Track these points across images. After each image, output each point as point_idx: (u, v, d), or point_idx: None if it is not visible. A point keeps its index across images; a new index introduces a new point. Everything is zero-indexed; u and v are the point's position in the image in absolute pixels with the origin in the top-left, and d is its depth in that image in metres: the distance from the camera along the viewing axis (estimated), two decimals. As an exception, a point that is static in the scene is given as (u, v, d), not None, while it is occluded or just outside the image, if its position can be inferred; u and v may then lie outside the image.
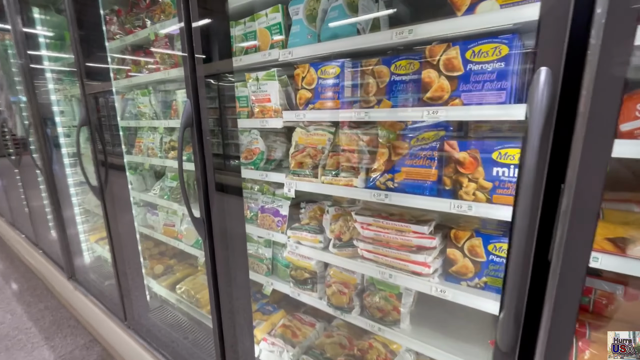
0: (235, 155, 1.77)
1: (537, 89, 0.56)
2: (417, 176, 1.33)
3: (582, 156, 0.55)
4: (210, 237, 1.47)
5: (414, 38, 1.19)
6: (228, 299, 1.58)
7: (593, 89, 0.52)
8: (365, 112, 1.38)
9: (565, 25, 0.54)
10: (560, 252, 0.60)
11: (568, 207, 0.58)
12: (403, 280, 1.41)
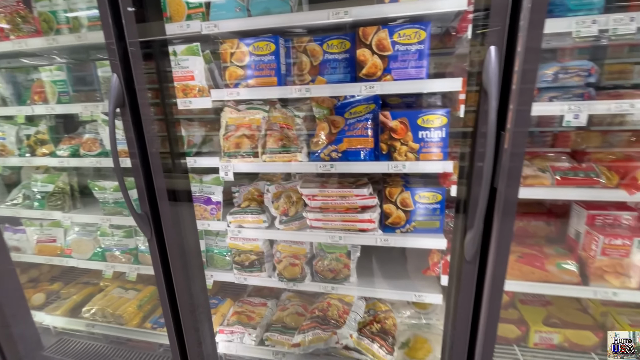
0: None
1: (490, 63, 0.78)
2: (357, 145, 1.51)
3: (516, 110, 0.81)
4: (159, 235, 1.29)
5: (348, 19, 1.31)
6: (188, 300, 1.43)
7: (523, 60, 0.77)
8: (307, 88, 1.45)
9: (506, 13, 0.77)
10: (504, 180, 0.87)
11: (512, 144, 0.84)
12: (352, 239, 1.59)
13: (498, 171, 0.88)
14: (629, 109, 1.20)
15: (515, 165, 0.86)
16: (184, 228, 1.48)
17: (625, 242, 1.37)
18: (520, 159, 0.86)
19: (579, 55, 1.37)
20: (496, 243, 0.94)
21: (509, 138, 0.84)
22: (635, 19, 1.12)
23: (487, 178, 0.85)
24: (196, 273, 1.58)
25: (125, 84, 1.08)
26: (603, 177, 1.30)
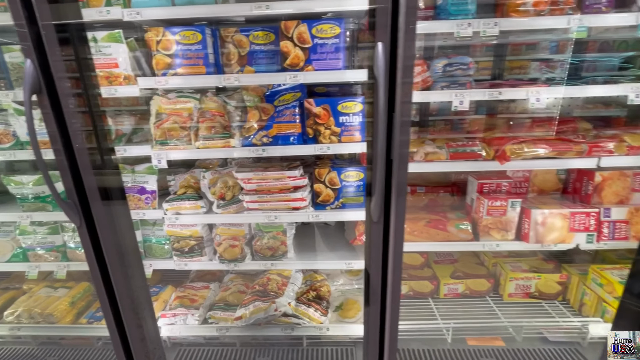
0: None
1: (378, 57, 0.96)
2: (286, 130, 1.64)
3: (402, 98, 1.02)
4: (89, 223, 1.28)
5: (270, 12, 1.42)
6: (125, 291, 1.44)
7: (403, 55, 0.97)
8: (235, 77, 1.53)
9: (387, 15, 0.95)
10: (397, 153, 1.07)
11: (397, 125, 1.04)
12: (287, 217, 1.74)
13: (391, 146, 1.09)
14: (498, 96, 1.50)
15: (404, 139, 1.07)
16: (118, 221, 1.47)
17: (503, 203, 1.71)
18: (407, 134, 1.07)
19: (461, 52, 1.67)
20: (395, 205, 1.15)
21: (397, 119, 1.05)
22: (498, 24, 1.41)
23: (382, 153, 1.05)
24: (133, 264, 1.58)
25: (42, 71, 1.06)
26: (484, 152, 1.61)
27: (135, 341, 1.51)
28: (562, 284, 1.92)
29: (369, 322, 1.38)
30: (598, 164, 1.59)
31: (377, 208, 1.15)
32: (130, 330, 1.49)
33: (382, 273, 1.28)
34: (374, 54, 1.00)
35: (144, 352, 1.55)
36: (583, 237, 1.70)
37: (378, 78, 0.98)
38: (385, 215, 1.20)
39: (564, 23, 1.40)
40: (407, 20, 0.96)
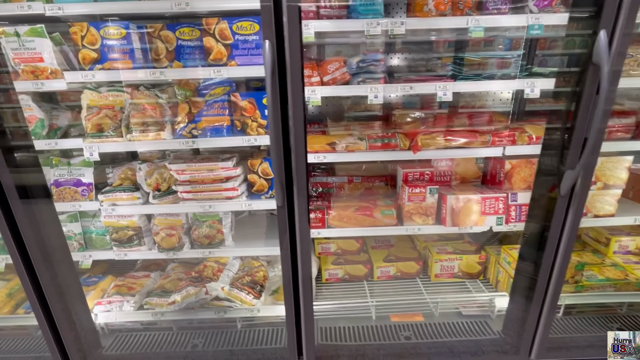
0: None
1: (266, 54, 1.05)
2: (215, 122, 1.71)
3: (292, 93, 1.11)
4: (10, 220, 1.33)
5: (190, 9, 1.48)
6: (53, 284, 1.49)
7: (290, 52, 1.06)
8: (161, 71, 1.59)
9: (271, 14, 1.04)
10: (294, 150, 1.17)
11: (293, 121, 1.14)
12: (221, 207, 1.82)
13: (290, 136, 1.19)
14: (410, 90, 1.63)
15: (298, 133, 1.17)
16: (41, 217, 1.50)
17: (422, 190, 1.85)
18: (301, 127, 1.17)
19: (375, 49, 1.78)
20: (297, 193, 1.26)
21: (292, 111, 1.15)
22: (405, 23, 1.52)
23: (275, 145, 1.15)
24: (60, 256, 1.62)
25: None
26: (400, 143, 1.73)
27: (65, 330, 1.56)
28: (482, 264, 2.09)
29: (286, 302, 1.49)
30: (503, 153, 1.75)
31: (278, 193, 1.25)
32: (60, 321, 1.55)
33: (292, 256, 1.39)
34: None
35: (75, 340, 1.61)
36: (494, 219, 1.86)
37: (266, 74, 1.07)
38: (290, 202, 1.31)
39: (463, 23, 1.53)
40: (290, 18, 1.05)
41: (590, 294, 1.80)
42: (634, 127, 1.86)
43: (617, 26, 1.10)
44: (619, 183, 1.83)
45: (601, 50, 1.07)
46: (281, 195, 1.25)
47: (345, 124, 2.17)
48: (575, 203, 1.30)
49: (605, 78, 1.07)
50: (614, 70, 1.12)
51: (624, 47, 1.11)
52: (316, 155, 1.73)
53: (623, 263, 1.94)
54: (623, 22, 1.09)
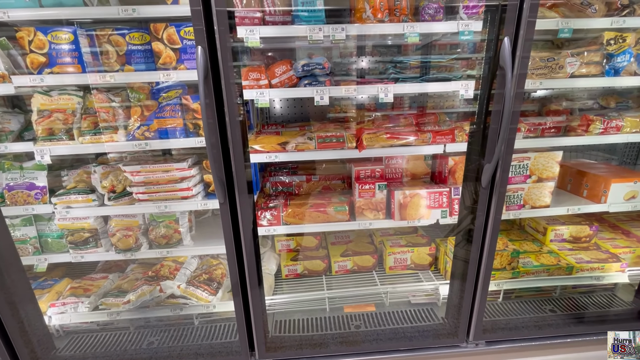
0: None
1: (198, 59, 1.12)
2: (167, 124, 1.76)
3: (227, 97, 1.18)
4: None
5: (137, 15, 1.53)
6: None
7: (222, 56, 1.13)
8: (111, 75, 1.63)
9: (202, 18, 1.10)
10: (232, 150, 1.24)
11: (230, 123, 1.21)
12: (177, 207, 1.86)
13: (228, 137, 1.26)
14: (353, 92, 1.72)
15: (235, 134, 1.24)
16: None
17: (371, 186, 1.95)
18: (237, 129, 1.25)
19: (320, 53, 1.87)
20: (238, 190, 1.33)
21: (228, 114, 1.22)
22: (345, 29, 1.62)
23: (212, 144, 1.21)
24: (8, 262, 1.62)
25: None
26: (347, 142, 1.83)
27: (15, 334, 1.57)
28: (432, 255, 2.22)
29: (235, 298, 1.55)
30: (444, 150, 1.87)
31: (218, 191, 1.31)
32: (9, 324, 1.55)
33: (237, 252, 1.46)
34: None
35: (26, 343, 1.62)
36: (439, 213, 1.97)
37: (198, 80, 1.14)
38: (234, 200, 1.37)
39: (400, 29, 1.64)
40: (220, 24, 1.12)
41: (526, 279, 1.94)
42: (564, 125, 2.03)
43: (520, 33, 1.22)
44: (552, 176, 1.99)
45: (505, 55, 1.20)
46: (221, 193, 1.32)
47: (301, 125, 2.25)
48: (496, 194, 1.42)
49: (509, 80, 1.19)
50: (519, 74, 1.25)
51: (527, 52, 1.24)
52: (268, 155, 1.80)
53: (558, 250, 2.10)
54: (524, 30, 1.21)
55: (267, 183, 2.29)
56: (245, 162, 1.43)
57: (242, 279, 1.51)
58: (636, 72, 1.86)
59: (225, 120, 1.26)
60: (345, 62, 2.45)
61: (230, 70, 1.17)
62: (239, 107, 1.24)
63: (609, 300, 2.00)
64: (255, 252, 1.49)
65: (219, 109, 1.24)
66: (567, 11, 1.79)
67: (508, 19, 1.19)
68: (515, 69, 1.23)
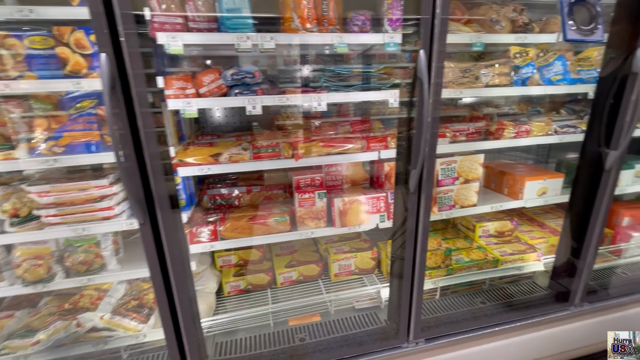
0: None
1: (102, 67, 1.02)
2: (81, 138, 1.58)
3: (139, 107, 1.09)
4: None
5: (36, 17, 1.36)
6: None
7: (130, 65, 1.04)
8: (5, 83, 1.42)
9: (103, 22, 1.01)
10: (150, 167, 1.15)
11: (145, 137, 1.11)
12: (97, 229, 1.67)
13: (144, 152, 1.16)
14: (286, 101, 1.71)
15: (152, 148, 1.15)
16: None
17: (311, 195, 1.94)
18: (154, 143, 1.16)
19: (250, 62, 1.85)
20: (159, 206, 1.23)
21: (141, 124, 1.12)
22: (274, 38, 1.60)
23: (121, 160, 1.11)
24: None
25: None
26: (284, 151, 1.80)
27: None
28: (375, 259, 2.27)
29: (164, 324, 1.43)
30: (379, 157, 1.93)
31: (136, 210, 1.20)
32: None
33: (162, 272, 1.34)
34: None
35: None
36: (377, 217, 2.03)
37: (103, 90, 1.03)
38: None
39: (328, 39, 1.66)
40: (125, 29, 1.03)
41: (459, 275, 2.07)
42: (484, 130, 2.22)
43: (434, 46, 1.30)
44: (477, 177, 2.15)
45: (421, 66, 1.26)
46: (140, 212, 1.21)
47: (239, 134, 2.18)
48: (424, 198, 1.49)
49: (425, 90, 1.26)
50: (435, 83, 1.32)
51: (441, 63, 1.32)
52: (200, 168, 1.71)
53: (486, 245, 2.28)
54: (437, 43, 1.29)
55: (205, 196, 2.18)
56: (169, 176, 1.33)
57: (171, 304, 1.40)
58: (539, 82, 2.10)
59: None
60: (290, 69, 2.44)
61: (141, 79, 1.08)
62: (157, 117, 1.15)
63: (530, 288, 2.21)
64: (185, 273, 1.39)
65: (133, 120, 1.14)
66: (479, 27, 1.97)
67: (423, 33, 1.26)
68: (431, 78, 1.30)
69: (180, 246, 1.33)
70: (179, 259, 1.33)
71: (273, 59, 2.43)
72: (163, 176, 1.22)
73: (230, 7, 1.53)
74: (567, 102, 2.77)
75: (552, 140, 2.15)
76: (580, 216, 1.94)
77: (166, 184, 1.23)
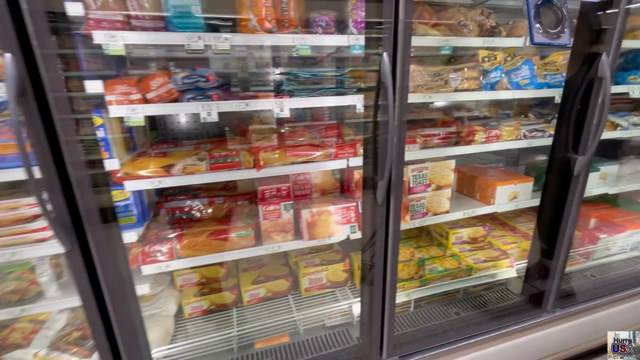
0: None
1: (7, 69, 0.86)
2: (6, 151, 1.38)
3: (57, 115, 0.93)
4: None
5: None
6: None
7: (43, 66, 0.89)
8: None
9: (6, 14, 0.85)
10: (76, 184, 0.99)
11: (66, 150, 0.96)
12: (30, 252, 1.47)
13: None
14: (245, 107, 1.57)
15: (75, 162, 0.99)
16: None
17: (276, 207, 1.81)
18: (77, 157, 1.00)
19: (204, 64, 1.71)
20: (90, 228, 1.07)
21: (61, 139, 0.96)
22: (229, 39, 1.47)
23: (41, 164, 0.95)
24: None
25: None
26: (244, 161, 1.66)
27: None
28: (347, 271, 2.16)
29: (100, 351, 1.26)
30: (348, 165, 1.83)
31: (60, 235, 1.03)
32: None
33: (96, 298, 1.18)
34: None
35: None
36: (348, 228, 1.93)
37: (8, 98, 0.87)
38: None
39: (289, 41, 1.55)
40: (36, 30, 0.87)
41: (433, 285, 2.01)
42: (455, 135, 2.17)
43: (398, 50, 1.21)
44: (448, 184, 2.09)
45: (385, 70, 1.17)
46: (65, 237, 1.04)
47: (198, 142, 2.03)
48: (393, 210, 1.40)
49: (390, 95, 1.17)
50: (401, 87, 1.24)
51: (406, 67, 1.24)
52: (150, 181, 1.54)
53: (459, 252, 2.23)
54: (402, 47, 1.21)
55: (162, 209, 2.00)
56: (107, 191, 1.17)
57: (111, 337, 1.23)
58: (507, 86, 2.08)
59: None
60: (256, 73, 2.31)
61: (59, 83, 0.92)
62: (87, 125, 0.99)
63: (504, 295, 2.18)
64: (127, 300, 1.22)
65: (51, 129, 0.98)
66: (447, 30, 1.92)
67: (386, 35, 1.18)
68: (396, 82, 1.22)
69: (120, 271, 1.17)
70: (118, 285, 1.17)
71: (244, 61, 2.30)
72: (91, 193, 1.06)
73: (177, 4, 1.38)
74: (534, 105, 2.80)
75: (521, 144, 2.13)
76: (550, 223, 1.93)
77: (103, 201, 1.07)
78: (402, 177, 1.39)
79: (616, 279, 2.27)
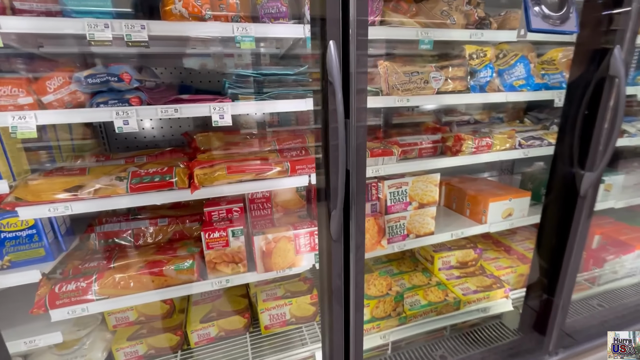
0: None
1: None
2: None
3: None
4: None
5: None
6: None
7: None
8: None
9: None
10: None
11: None
12: None
13: None
14: (174, 113, 1.26)
15: None
16: None
17: (222, 233, 1.50)
18: None
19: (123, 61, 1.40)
20: None
21: None
22: (146, 27, 1.16)
23: None
24: None
25: None
26: (178, 180, 1.35)
27: None
28: (316, 304, 1.85)
29: None
30: (310, 181, 1.52)
31: None
32: None
33: None
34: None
35: None
36: (312, 257, 1.61)
37: None
38: None
39: (227, 31, 1.24)
40: None
41: (414, 323, 1.69)
42: (440, 143, 1.87)
43: (350, 36, 0.91)
44: (433, 201, 1.79)
45: (332, 64, 0.86)
46: None
47: (132, 156, 1.71)
48: (353, 248, 1.09)
49: (339, 96, 0.86)
50: (356, 86, 0.93)
51: (363, 59, 0.93)
52: (52, 207, 1.23)
53: (446, 280, 1.92)
54: (355, 30, 0.90)
55: (92, 234, 1.68)
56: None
57: None
58: (499, 88, 1.79)
59: None
60: (217, 72, 2.00)
61: None
62: None
63: (498, 333, 1.86)
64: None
65: None
66: (428, 22, 1.63)
67: (331, 14, 0.87)
68: (352, 80, 0.91)
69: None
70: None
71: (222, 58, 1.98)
72: None
73: (70, -19, 1.08)
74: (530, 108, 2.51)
75: (517, 155, 1.84)
76: (551, 251, 1.62)
77: None
78: (363, 203, 1.08)
79: (627, 308, 1.97)
